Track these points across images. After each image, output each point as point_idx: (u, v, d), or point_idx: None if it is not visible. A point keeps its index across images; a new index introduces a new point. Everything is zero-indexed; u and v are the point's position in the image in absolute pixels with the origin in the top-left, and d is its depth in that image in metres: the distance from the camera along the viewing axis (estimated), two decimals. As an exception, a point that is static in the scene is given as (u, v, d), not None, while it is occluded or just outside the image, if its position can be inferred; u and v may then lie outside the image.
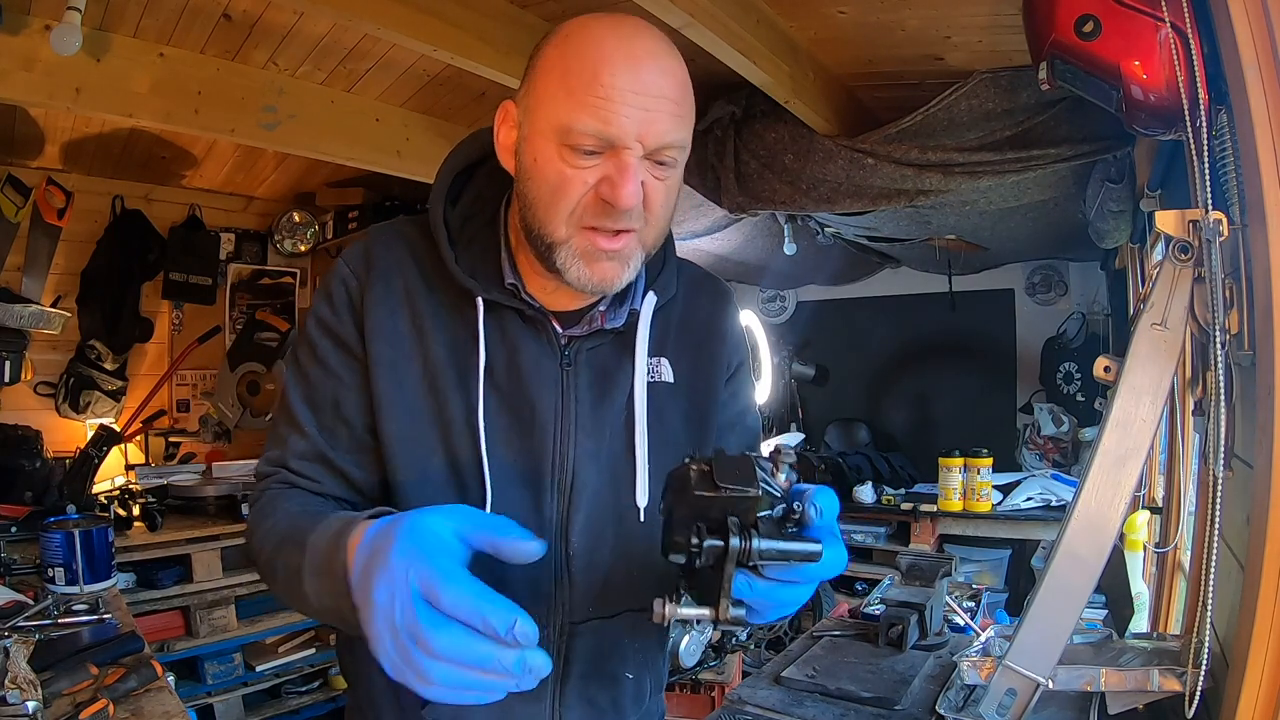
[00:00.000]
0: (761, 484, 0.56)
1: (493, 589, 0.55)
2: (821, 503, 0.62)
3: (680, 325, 0.90)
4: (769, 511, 0.58)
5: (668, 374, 0.87)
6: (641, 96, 0.69)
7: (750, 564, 0.56)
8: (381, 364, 0.79)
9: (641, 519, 0.83)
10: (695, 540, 0.54)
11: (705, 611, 0.56)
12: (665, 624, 0.58)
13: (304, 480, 0.81)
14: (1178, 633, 1.57)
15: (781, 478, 0.59)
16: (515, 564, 0.60)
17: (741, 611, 0.57)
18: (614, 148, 0.70)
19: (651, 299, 0.85)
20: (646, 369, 0.85)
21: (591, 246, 0.74)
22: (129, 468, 3.01)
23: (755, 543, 0.54)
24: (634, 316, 0.84)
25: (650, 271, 0.86)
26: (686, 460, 0.59)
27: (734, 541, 0.54)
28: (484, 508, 0.78)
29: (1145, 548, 1.99)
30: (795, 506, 0.60)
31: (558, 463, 0.82)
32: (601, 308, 0.84)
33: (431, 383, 0.80)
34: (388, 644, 0.55)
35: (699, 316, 0.92)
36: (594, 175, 0.72)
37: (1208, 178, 0.93)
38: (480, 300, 0.80)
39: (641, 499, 0.83)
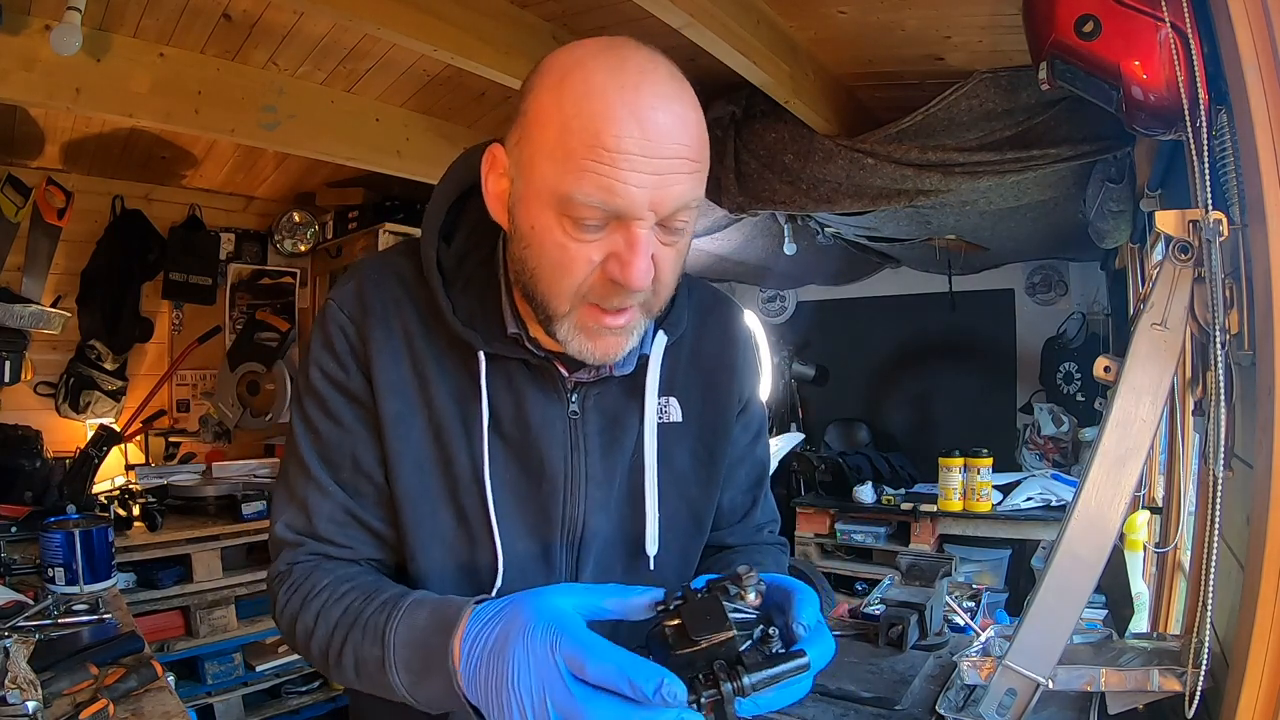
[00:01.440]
0: (733, 615, 0.59)
1: (631, 653, 0.55)
2: (804, 614, 0.62)
3: (690, 361, 0.86)
4: (750, 638, 0.60)
5: (676, 414, 0.84)
6: (653, 159, 0.61)
7: (748, 696, 0.59)
8: (389, 418, 0.76)
9: (652, 567, 0.81)
10: (692, 697, 0.56)
11: None
12: None
13: (335, 549, 0.77)
14: (1178, 633, 1.57)
15: (751, 596, 0.61)
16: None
17: None
18: (621, 218, 0.63)
19: (662, 340, 0.81)
20: (656, 411, 0.81)
21: (595, 324, 0.68)
22: (129, 468, 3.00)
23: (746, 679, 0.57)
24: (643, 360, 0.80)
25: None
26: (658, 611, 0.60)
27: (726, 688, 0.57)
28: (493, 561, 0.76)
29: (1145, 548, 2.00)
30: (771, 632, 0.61)
31: (567, 514, 0.79)
32: None
33: (437, 435, 0.77)
34: None
35: (709, 350, 0.87)
36: (599, 251, 0.64)
37: (1208, 178, 0.93)
38: (482, 354, 0.75)
39: (651, 547, 0.81)
